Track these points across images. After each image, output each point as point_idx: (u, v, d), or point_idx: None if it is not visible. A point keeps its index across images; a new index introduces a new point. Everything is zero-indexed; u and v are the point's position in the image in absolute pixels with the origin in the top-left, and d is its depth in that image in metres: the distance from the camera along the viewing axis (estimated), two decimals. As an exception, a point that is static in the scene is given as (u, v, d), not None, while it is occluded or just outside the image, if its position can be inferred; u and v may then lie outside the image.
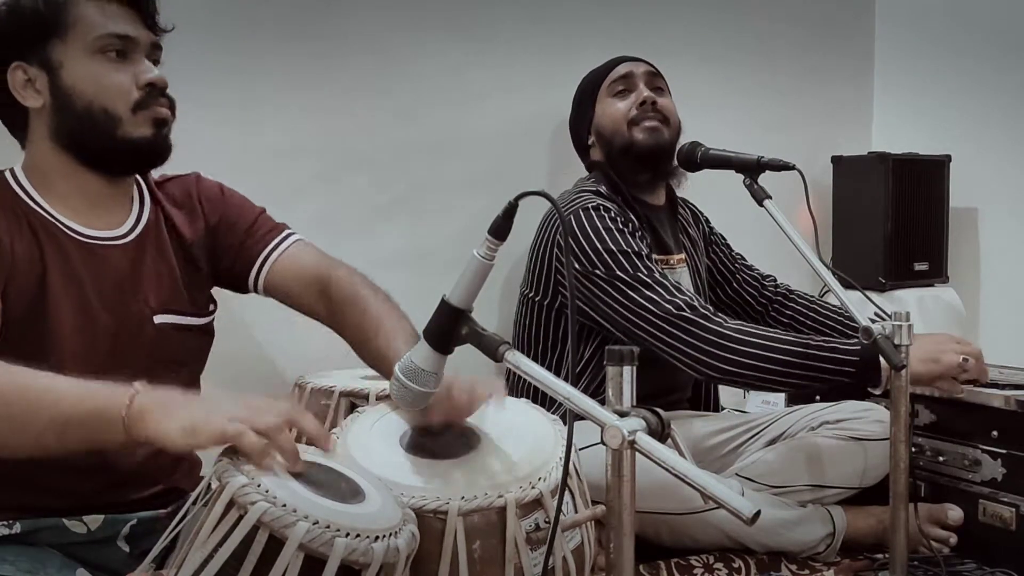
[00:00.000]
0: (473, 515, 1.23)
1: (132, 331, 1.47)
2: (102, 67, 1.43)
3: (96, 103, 1.43)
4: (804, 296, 2.38)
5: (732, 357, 1.86)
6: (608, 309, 1.98)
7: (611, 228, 2.00)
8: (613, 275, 1.97)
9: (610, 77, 2.24)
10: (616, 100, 2.22)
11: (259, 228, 1.65)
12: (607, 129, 2.21)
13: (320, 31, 2.24)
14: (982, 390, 1.96)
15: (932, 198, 2.86)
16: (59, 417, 1.15)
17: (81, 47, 1.43)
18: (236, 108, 2.14)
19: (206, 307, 1.60)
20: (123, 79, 1.44)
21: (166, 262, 1.54)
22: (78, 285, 1.43)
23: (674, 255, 2.23)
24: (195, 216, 1.60)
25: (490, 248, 1.16)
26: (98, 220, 1.48)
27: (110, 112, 1.43)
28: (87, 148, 1.46)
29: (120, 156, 1.47)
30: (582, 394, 1.08)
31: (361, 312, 1.54)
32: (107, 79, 1.43)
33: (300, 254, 1.65)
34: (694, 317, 1.90)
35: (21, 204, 1.44)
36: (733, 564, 1.88)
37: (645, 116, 2.18)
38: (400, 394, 1.25)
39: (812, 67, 3.03)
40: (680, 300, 1.93)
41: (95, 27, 1.43)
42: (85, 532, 1.41)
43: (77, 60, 1.43)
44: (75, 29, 1.43)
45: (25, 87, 1.44)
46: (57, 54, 1.43)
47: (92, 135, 1.44)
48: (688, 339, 1.89)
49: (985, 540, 1.95)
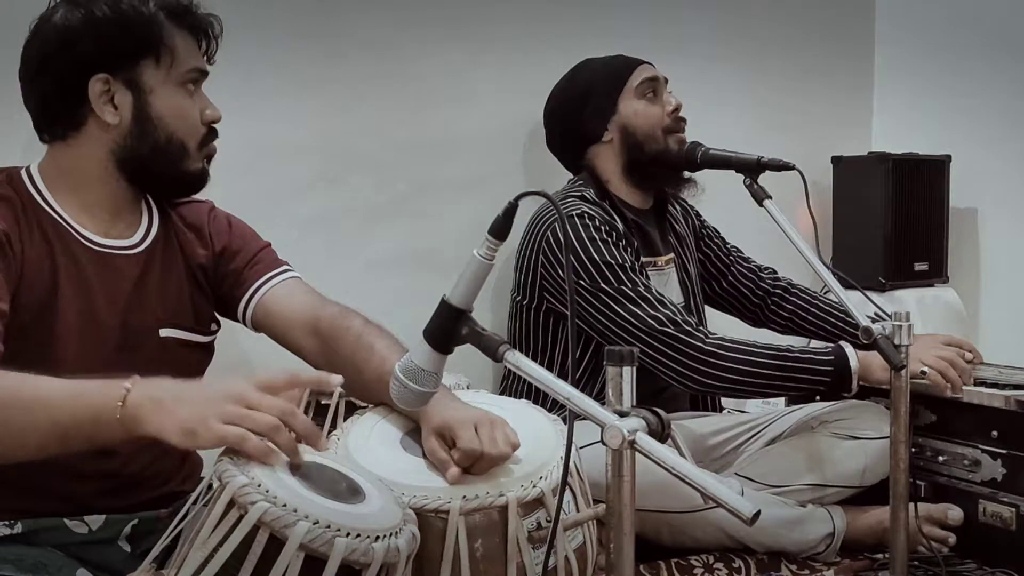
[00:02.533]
0: (475, 514, 1.23)
1: (136, 341, 1.46)
2: (186, 100, 1.47)
3: (176, 135, 1.46)
4: (806, 291, 2.37)
5: (713, 372, 1.93)
6: (592, 320, 1.99)
7: (595, 238, 2.00)
8: (597, 287, 1.97)
9: (637, 76, 2.19)
10: (648, 104, 2.18)
11: (258, 261, 1.62)
12: (640, 131, 2.16)
13: (320, 31, 2.24)
14: (982, 390, 1.96)
15: (932, 198, 2.86)
16: (56, 423, 1.15)
17: (171, 76, 1.44)
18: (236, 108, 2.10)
19: (209, 326, 1.60)
20: (196, 114, 1.48)
21: (175, 277, 1.54)
22: (87, 292, 1.42)
23: (662, 256, 2.22)
24: (204, 242, 1.59)
25: (490, 248, 1.16)
26: (112, 229, 1.48)
27: (185, 146, 1.47)
28: (150, 174, 1.47)
29: (176, 185, 1.52)
30: (582, 394, 1.08)
31: (355, 339, 1.50)
32: (191, 115, 1.47)
33: (292, 290, 1.60)
34: (676, 333, 1.93)
35: (35, 207, 1.43)
36: (733, 564, 1.88)
37: (678, 126, 2.18)
38: (400, 395, 1.25)
39: (812, 67, 3.03)
40: (663, 315, 1.94)
41: (187, 59, 1.46)
42: (86, 532, 1.41)
43: (168, 89, 1.44)
44: (170, 57, 1.44)
45: (105, 101, 1.41)
46: (149, 78, 1.43)
47: (162, 164, 1.46)
48: (670, 353, 1.93)
49: (985, 540, 1.95)
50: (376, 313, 1.57)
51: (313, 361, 1.56)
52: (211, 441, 1.11)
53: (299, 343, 1.57)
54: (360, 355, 1.48)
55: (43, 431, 1.15)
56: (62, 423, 1.15)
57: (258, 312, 1.59)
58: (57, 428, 1.15)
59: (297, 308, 1.58)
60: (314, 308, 1.57)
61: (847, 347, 1.94)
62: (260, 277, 1.60)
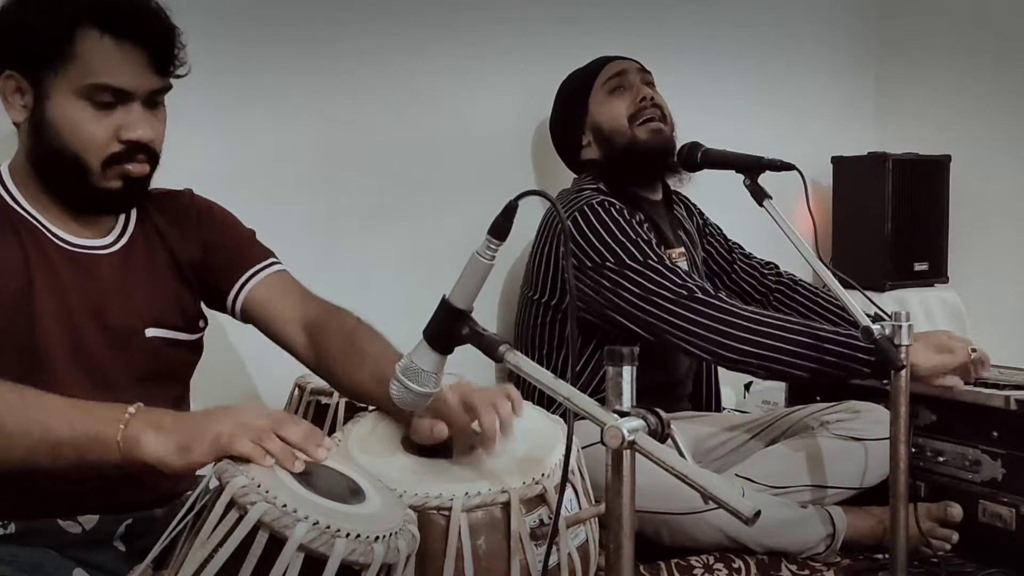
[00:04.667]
0: (477, 511, 1.23)
1: (121, 343, 1.44)
2: (84, 114, 1.36)
3: (69, 149, 1.37)
4: (808, 287, 2.36)
5: (744, 341, 1.88)
6: (619, 300, 1.98)
7: (618, 219, 2.02)
8: (623, 264, 1.97)
9: (604, 74, 2.24)
10: (613, 98, 2.21)
11: (246, 251, 1.59)
12: (606, 127, 2.20)
13: (319, 33, 2.24)
14: (982, 390, 1.96)
15: (932, 198, 2.87)
16: (50, 436, 1.14)
17: (71, 86, 1.35)
18: (236, 109, 2.14)
19: (196, 323, 1.57)
20: (104, 131, 1.37)
21: (158, 275, 1.51)
22: (62, 294, 1.39)
23: (674, 248, 2.23)
24: (187, 233, 1.55)
25: (490, 248, 1.16)
26: (83, 229, 1.45)
27: (81, 161, 1.37)
28: (55, 184, 1.41)
29: (85, 201, 1.42)
30: (582, 394, 1.08)
31: (346, 338, 1.48)
32: (84, 129, 1.36)
33: (280, 283, 1.58)
34: (707, 298, 1.92)
35: (6, 206, 1.41)
36: (733, 564, 1.87)
37: (645, 113, 2.18)
38: (400, 395, 1.25)
39: (812, 67, 3.03)
40: (692, 284, 1.94)
41: (90, 72, 1.35)
42: (80, 532, 1.40)
43: (63, 98, 1.36)
44: (72, 65, 1.34)
45: (13, 97, 1.39)
46: (48, 83, 1.36)
47: (61, 176, 1.40)
48: (702, 321, 1.90)
49: (985, 540, 1.95)
50: (376, 314, 1.57)
51: (302, 356, 1.55)
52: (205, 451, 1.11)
53: (289, 338, 1.56)
54: (351, 354, 1.47)
55: (35, 438, 1.15)
56: (56, 433, 1.14)
57: (247, 304, 1.57)
58: (49, 437, 1.14)
59: (287, 302, 1.56)
60: (303, 303, 1.57)
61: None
62: (248, 269, 1.57)
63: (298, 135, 2.22)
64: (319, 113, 2.25)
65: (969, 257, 2.93)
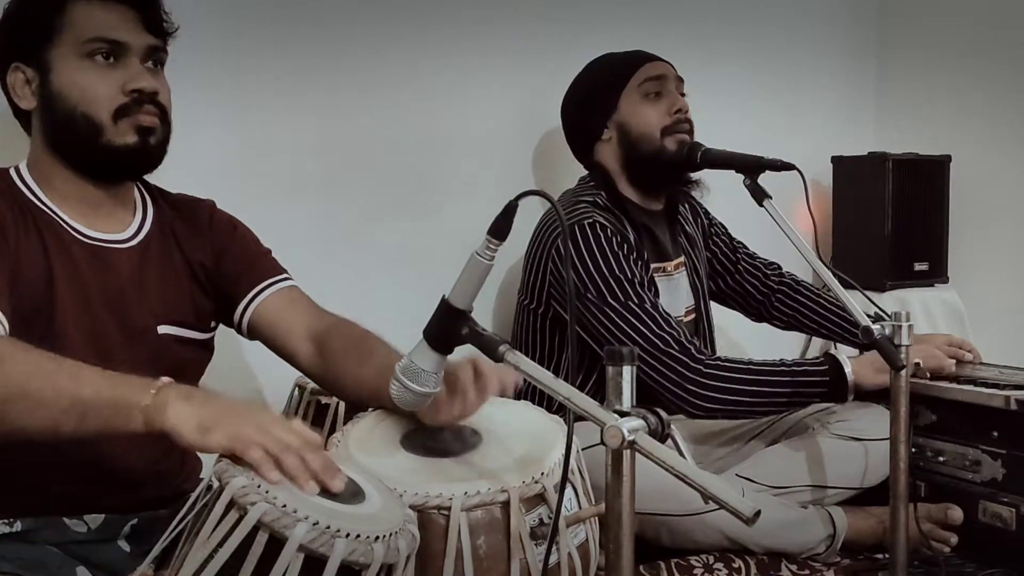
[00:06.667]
0: (476, 510, 1.23)
1: (134, 337, 1.46)
2: (88, 72, 1.41)
3: (79, 109, 1.41)
4: (809, 289, 2.35)
5: (714, 395, 1.92)
6: (596, 333, 1.98)
7: (605, 250, 1.99)
8: (604, 301, 1.96)
9: (641, 74, 2.15)
10: (648, 102, 2.14)
11: (259, 266, 1.61)
12: (635, 131, 2.13)
13: (320, 32, 2.24)
14: (982, 390, 1.96)
15: (932, 198, 2.86)
16: (78, 401, 1.14)
17: (70, 51, 1.41)
18: (236, 109, 2.14)
19: (208, 323, 1.59)
20: (108, 85, 1.42)
21: (173, 273, 1.53)
22: (82, 287, 1.42)
23: (672, 260, 2.21)
24: (203, 240, 1.58)
25: (490, 248, 1.16)
26: (101, 222, 1.48)
27: (92, 119, 1.41)
28: (72, 153, 1.45)
29: (104, 163, 1.45)
30: (582, 394, 1.08)
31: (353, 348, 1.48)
32: (91, 85, 1.41)
33: (290, 297, 1.59)
34: (679, 355, 1.93)
35: (26, 201, 1.43)
36: (733, 565, 1.87)
37: (679, 127, 2.13)
38: (400, 395, 1.25)
39: (812, 67, 3.03)
40: (668, 335, 1.94)
41: (84, 31, 1.41)
42: (85, 531, 1.41)
43: (66, 64, 1.42)
44: (65, 33, 1.41)
45: (23, 88, 1.44)
46: (50, 58, 1.42)
47: (75, 141, 1.43)
48: (671, 375, 1.92)
49: (985, 540, 1.95)
50: (375, 313, 1.57)
51: (307, 365, 1.56)
52: (220, 441, 1.10)
53: (295, 350, 1.56)
54: (356, 351, 1.48)
55: (65, 402, 1.14)
56: (83, 397, 1.14)
57: (255, 317, 1.58)
58: (78, 404, 1.14)
59: (295, 315, 1.57)
60: (312, 316, 1.57)
61: (840, 356, 1.94)
62: (260, 283, 1.59)
63: (299, 135, 2.22)
64: (320, 113, 2.25)
65: (969, 257, 2.93)
